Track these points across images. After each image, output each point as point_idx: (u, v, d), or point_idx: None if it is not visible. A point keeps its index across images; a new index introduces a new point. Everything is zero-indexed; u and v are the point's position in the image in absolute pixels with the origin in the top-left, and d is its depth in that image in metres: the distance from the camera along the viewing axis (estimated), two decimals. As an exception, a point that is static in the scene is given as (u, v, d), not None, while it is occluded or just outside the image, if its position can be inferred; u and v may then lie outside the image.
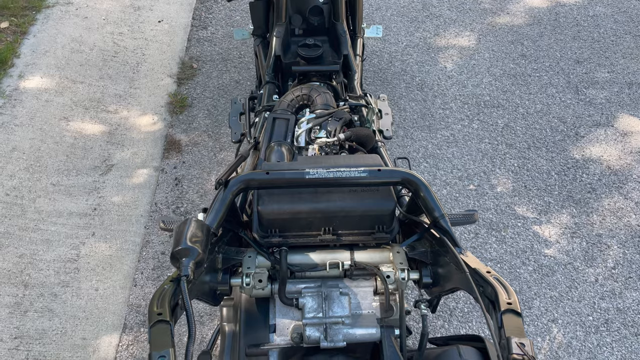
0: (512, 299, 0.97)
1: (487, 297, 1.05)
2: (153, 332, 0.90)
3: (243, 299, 1.37)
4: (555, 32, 3.37)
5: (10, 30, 3.06)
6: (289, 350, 1.26)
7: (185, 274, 1.02)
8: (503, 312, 0.93)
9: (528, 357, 0.82)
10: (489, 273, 1.07)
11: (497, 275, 1.06)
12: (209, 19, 3.44)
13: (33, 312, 2.04)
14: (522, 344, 0.84)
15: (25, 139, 2.55)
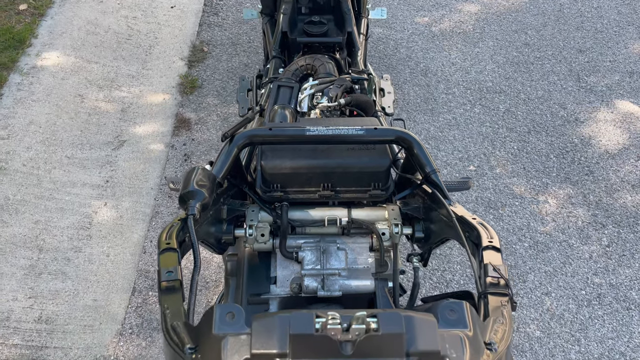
0: (493, 238, 1.04)
1: (473, 241, 1.12)
2: (162, 257, 0.98)
3: (246, 253, 1.45)
4: (559, 22, 3.42)
5: (29, 12, 3.16)
6: (288, 300, 1.34)
7: (192, 213, 1.10)
8: (484, 248, 1.00)
9: (504, 278, 0.89)
10: (474, 219, 1.14)
11: (482, 221, 1.14)
12: (219, 5, 3.53)
13: (47, 274, 2.13)
14: (498, 269, 0.91)
15: (41, 114, 2.65)
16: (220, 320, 0.74)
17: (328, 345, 0.67)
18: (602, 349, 2.00)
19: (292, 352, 0.68)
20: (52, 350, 1.95)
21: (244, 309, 1.01)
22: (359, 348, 0.67)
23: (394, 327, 0.67)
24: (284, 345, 0.68)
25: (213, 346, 0.72)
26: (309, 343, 0.67)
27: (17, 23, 3.07)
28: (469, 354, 0.70)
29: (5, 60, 2.84)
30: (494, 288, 0.89)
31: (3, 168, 2.40)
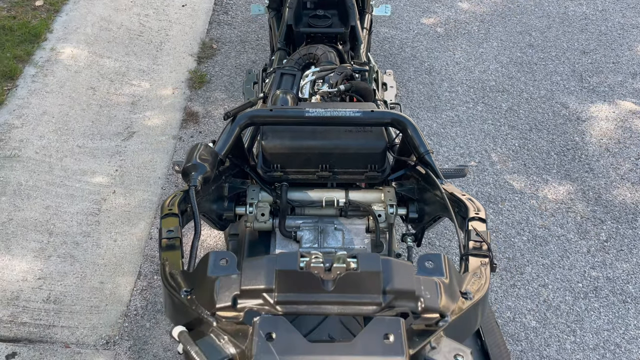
0: (480, 211, 1.09)
1: (462, 215, 1.17)
2: (164, 220, 1.03)
3: (247, 232, 1.50)
4: (563, 24, 3.47)
5: (44, 8, 3.26)
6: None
7: (194, 184, 1.16)
8: (470, 219, 1.05)
9: (485, 242, 0.94)
10: (463, 195, 1.19)
11: (471, 197, 1.18)
12: (229, 5, 3.61)
13: (56, 257, 2.20)
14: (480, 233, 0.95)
15: (55, 105, 2.73)
16: (214, 265, 0.79)
17: (311, 282, 0.72)
18: (598, 340, 2.03)
19: (277, 286, 0.73)
20: (59, 329, 2.01)
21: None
22: (339, 285, 0.72)
23: (372, 266, 0.72)
24: (270, 281, 0.73)
25: (206, 287, 0.77)
26: (293, 279, 0.72)
27: (33, 18, 3.16)
28: (443, 298, 0.75)
29: (21, 53, 2.93)
30: (475, 251, 0.93)
31: (16, 155, 2.48)
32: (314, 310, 0.73)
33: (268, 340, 0.67)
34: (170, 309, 0.87)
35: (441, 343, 0.72)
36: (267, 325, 0.69)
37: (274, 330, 0.69)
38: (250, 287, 0.73)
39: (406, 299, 0.73)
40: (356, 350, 0.67)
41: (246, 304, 0.73)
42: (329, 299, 0.73)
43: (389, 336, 0.68)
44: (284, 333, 0.68)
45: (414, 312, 0.74)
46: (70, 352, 1.95)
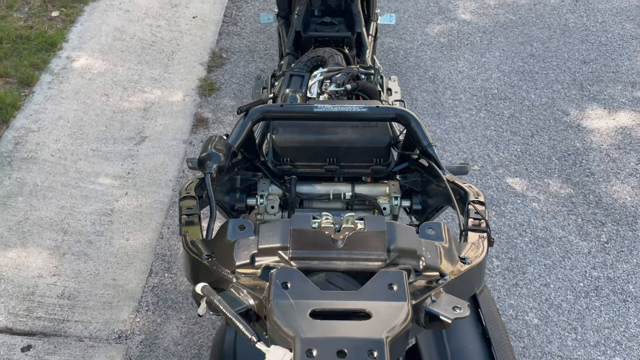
0: (479, 196, 1.15)
1: (462, 202, 1.23)
2: (182, 202, 1.10)
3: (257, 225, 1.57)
4: (564, 35, 3.55)
5: (60, 19, 3.38)
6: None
7: (209, 172, 1.23)
8: (470, 202, 1.11)
9: (483, 219, 1.00)
10: (464, 184, 1.25)
11: (471, 185, 1.25)
12: (238, 16, 3.72)
13: (70, 254, 2.27)
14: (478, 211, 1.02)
15: (70, 110, 2.83)
16: (233, 230, 0.86)
17: (322, 240, 0.79)
18: (599, 337, 2.07)
19: (292, 244, 0.79)
20: (73, 324, 2.07)
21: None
22: (347, 243, 0.79)
23: (377, 226, 0.79)
24: (285, 240, 0.79)
25: (226, 249, 0.84)
26: (306, 237, 0.79)
27: (50, 28, 3.28)
28: (443, 259, 0.81)
29: (38, 61, 3.03)
30: (474, 227, 0.99)
31: (33, 157, 2.56)
32: (325, 265, 0.79)
33: (284, 288, 0.73)
34: (192, 272, 0.93)
35: (441, 297, 0.78)
36: (282, 276, 0.75)
37: (289, 280, 0.75)
38: (267, 246, 0.79)
39: (409, 257, 0.80)
40: (363, 297, 0.73)
41: (263, 261, 0.80)
42: (338, 256, 0.79)
43: (393, 286, 0.74)
44: (298, 282, 0.75)
45: (415, 270, 0.80)
46: (83, 346, 2.01)
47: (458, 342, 1.19)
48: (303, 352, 0.65)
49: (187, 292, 2.20)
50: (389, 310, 0.71)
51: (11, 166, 2.51)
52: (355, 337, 0.67)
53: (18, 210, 2.36)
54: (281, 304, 0.72)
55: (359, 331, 0.68)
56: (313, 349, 0.65)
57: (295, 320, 0.69)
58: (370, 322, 0.69)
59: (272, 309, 0.71)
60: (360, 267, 0.79)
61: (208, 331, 2.08)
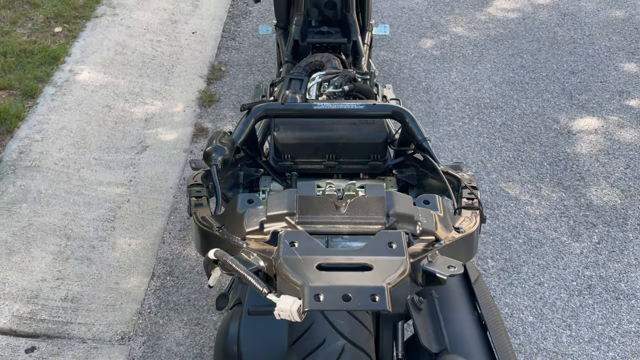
0: (472, 182, 1.21)
1: (457, 190, 1.29)
2: (190, 189, 1.16)
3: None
4: (552, 47, 3.66)
5: (63, 34, 3.47)
6: None
7: (215, 163, 1.29)
8: (463, 187, 1.17)
9: (476, 197, 1.06)
10: (458, 173, 1.32)
11: (464, 174, 1.31)
12: (237, 32, 3.83)
13: (74, 259, 2.31)
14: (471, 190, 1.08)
15: (72, 121, 2.89)
16: (242, 203, 0.92)
17: (327, 205, 0.85)
18: (592, 334, 2.12)
19: (298, 210, 0.85)
20: (76, 326, 2.10)
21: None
22: (350, 208, 0.84)
23: (377, 193, 0.85)
24: (292, 207, 0.85)
25: (236, 220, 0.89)
26: (312, 203, 0.85)
27: (53, 43, 3.36)
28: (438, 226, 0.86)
29: (41, 74, 3.11)
30: (467, 205, 1.05)
31: (37, 165, 2.61)
32: (329, 229, 0.85)
33: (291, 247, 0.79)
34: (203, 244, 0.99)
35: (437, 258, 0.83)
36: (290, 236, 0.81)
37: (296, 239, 0.80)
38: (275, 213, 0.85)
39: (406, 222, 0.85)
40: (365, 252, 0.79)
41: (271, 228, 0.85)
42: (341, 220, 0.85)
43: (392, 244, 0.80)
44: (305, 241, 0.80)
45: (413, 234, 0.85)
46: (87, 347, 2.04)
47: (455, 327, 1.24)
48: (311, 296, 0.70)
49: (189, 294, 2.24)
50: (388, 263, 0.76)
51: (15, 174, 2.56)
52: (358, 285, 0.72)
53: (22, 217, 2.41)
54: (289, 259, 0.77)
55: (362, 280, 0.73)
56: (320, 294, 0.71)
57: (303, 272, 0.75)
58: (372, 273, 0.75)
59: (281, 264, 0.77)
60: (362, 230, 0.85)
61: (210, 332, 2.12)
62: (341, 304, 0.70)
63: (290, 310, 0.71)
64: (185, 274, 2.32)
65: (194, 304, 2.21)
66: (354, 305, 0.70)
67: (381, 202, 0.84)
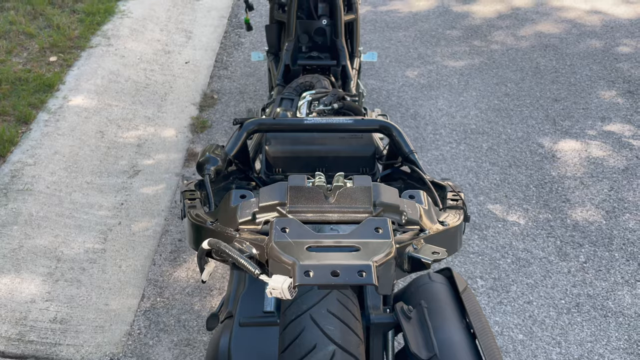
0: (457, 187, 1.25)
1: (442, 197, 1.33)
2: (184, 193, 1.19)
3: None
4: (535, 77, 3.78)
5: (58, 63, 3.53)
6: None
7: (208, 172, 1.33)
8: (448, 191, 1.21)
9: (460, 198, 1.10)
10: (444, 181, 1.36)
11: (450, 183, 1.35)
12: (229, 62, 3.92)
13: (63, 281, 2.30)
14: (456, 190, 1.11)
15: (65, 146, 2.92)
16: (235, 198, 0.94)
17: (316, 195, 0.88)
18: (582, 351, 2.13)
19: (289, 200, 0.88)
20: (65, 347, 2.08)
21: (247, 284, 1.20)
22: (338, 197, 0.88)
23: (364, 183, 0.88)
24: (283, 197, 0.88)
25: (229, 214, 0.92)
26: (302, 193, 0.88)
27: (47, 71, 3.42)
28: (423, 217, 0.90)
29: (36, 101, 3.15)
30: (451, 205, 1.09)
31: (29, 189, 2.63)
32: (318, 218, 0.88)
33: (282, 232, 0.81)
34: (196, 239, 1.01)
35: (421, 246, 0.86)
36: (281, 223, 0.84)
37: (287, 225, 0.83)
38: (267, 203, 0.88)
39: (392, 211, 0.88)
40: (353, 236, 0.81)
41: (263, 218, 0.88)
42: (330, 209, 0.88)
43: (379, 229, 0.83)
44: (295, 227, 0.83)
45: (399, 223, 0.88)
46: (75, 369, 2.01)
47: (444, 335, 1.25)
48: (301, 273, 0.73)
49: (179, 315, 2.23)
50: (375, 245, 0.79)
51: (7, 197, 2.57)
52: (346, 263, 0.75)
53: (13, 239, 2.40)
54: (281, 242, 0.80)
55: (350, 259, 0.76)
56: (310, 271, 0.73)
57: (293, 253, 0.77)
58: (359, 253, 0.77)
59: (272, 247, 0.79)
60: (350, 219, 0.88)
61: (200, 352, 2.10)
62: (330, 279, 0.72)
63: (282, 287, 0.73)
64: (175, 295, 2.31)
65: (184, 324, 2.20)
66: (342, 280, 0.72)
67: (368, 192, 0.88)
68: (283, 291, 0.73)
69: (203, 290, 2.34)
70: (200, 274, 0.91)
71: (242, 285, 1.57)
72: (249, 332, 1.20)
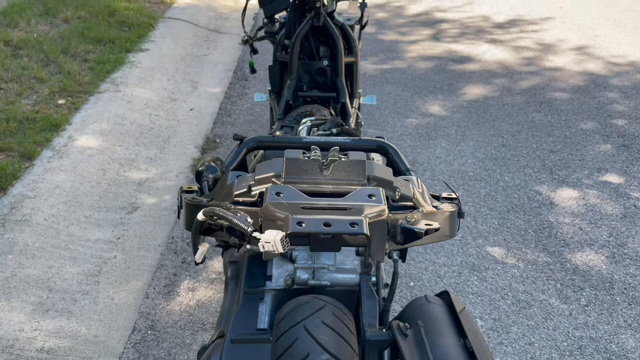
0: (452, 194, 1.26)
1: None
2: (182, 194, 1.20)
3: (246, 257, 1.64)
4: (531, 129, 3.87)
5: (66, 106, 3.63)
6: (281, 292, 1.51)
7: (206, 180, 1.34)
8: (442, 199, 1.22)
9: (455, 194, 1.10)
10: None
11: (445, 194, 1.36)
12: (232, 110, 4.02)
13: (54, 311, 2.25)
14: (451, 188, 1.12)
15: (67, 181, 2.95)
16: (232, 178, 0.95)
17: (312, 168, 0.88)
18: (587, 394, 2.04)
19: (285, 171, 0.88)
20: (49, 378, 2.01)
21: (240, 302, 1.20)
22: (333, 170, 0.88)
23: (359, 157, 0.89)
24: (279, 169, 0.89)
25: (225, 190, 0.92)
26: (298, 165, 0.88)
27: (55, 113, 3.51)
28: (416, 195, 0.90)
29: (41, 139, 3.21)
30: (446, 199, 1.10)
31: (26, 220, 2.62)
32: (313, 189, 0.88)
33: (277, 196, 0.81)
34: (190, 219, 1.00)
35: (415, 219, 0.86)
36: (276, 188, 0.84)
37: (282, 191, 0.83)
38: (263, 176, 0.89)
39: (386, 186, 0.89)
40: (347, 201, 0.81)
41: (259, 189, 0.88)
42: (325, 181, 0.88)
43: (372, 196, 0.83)
44: (290, 192, 0.83)
45: (392, 199, 0.88)
46: (58, 400, 1.93)
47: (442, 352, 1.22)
48: (294, 223, 0.72)
49: (170, 348, 2.17)
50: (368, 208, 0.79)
51: (4, 227, 2.57)
52: (339, 217, 0.74)
53: (6, 267, 2.38)
54: (275, 203, 0.80)
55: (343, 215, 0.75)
56: (303, 222, 0.73)
57: (287, 210, 0.77)
58: (352, 211, 0.77)
59: (267, 207, 0.79)
60: (344, 190, 0.88)
61: (189, 386, 2.03)
62: (322, 229, 0.72)
63: (274, 240, 0.72)
64: (167, 328, 2.26)
65: (175, 357, 2.13)
66: (334, 229, 0.72)
67: (362, 165, 0.89)
68: (275, 244, 0.72)
69: (195, 324, 2.28)
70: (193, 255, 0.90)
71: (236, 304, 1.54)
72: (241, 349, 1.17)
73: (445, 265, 2.63)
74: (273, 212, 0.79)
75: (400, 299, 2.42)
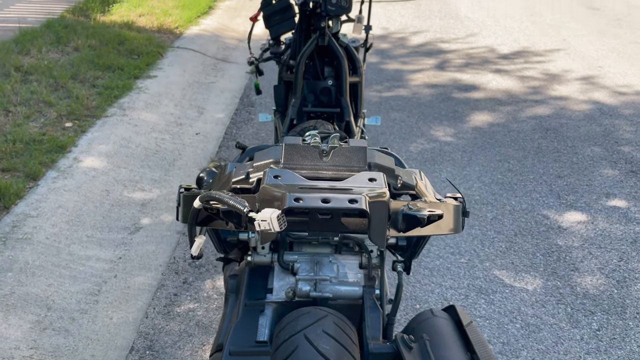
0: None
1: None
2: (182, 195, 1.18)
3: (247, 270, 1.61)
4: (538, 155, 3.84)
5: (73, 128, 3.65)
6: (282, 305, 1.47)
7: (207, 183, 1.33)
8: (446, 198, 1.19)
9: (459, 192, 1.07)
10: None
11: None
12: (238, 134, 4.03)
13: (51, 330, 2.21)
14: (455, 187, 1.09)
15: (70, 201, 2.94)
16: (230, 167, 0.93)
17: (312, 153, 0.86)
18: (601, 421, 1.95)
19: (284, 157, 0.86)
20: (43, 398, 1.95)
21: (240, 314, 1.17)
22: (333, 156, 0.86)
23: (359, 143, 0.87)
24: (278, 155, 0.86)
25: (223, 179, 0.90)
26: (298, 150, 0.86)
27: (62, 135, 3.53)
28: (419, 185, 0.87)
29: (47, 160, 3.22)
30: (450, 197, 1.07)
31: (28, 238, 2.60)
32: (313, 174, 0.85)
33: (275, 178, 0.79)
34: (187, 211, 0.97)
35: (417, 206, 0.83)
36: (274, 172, 0.81)
37: (280, 174, 0.81)
38: (261, 162, 0.87)
39: (387, 174, 0.86)
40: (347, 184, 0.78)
41: (257, 176, 0.86)
42: (325, 166, 0.86)
43: (373, 180, 0.80)
44: (288, 175, 0.80)
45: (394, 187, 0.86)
46: (51, 420, 1.87)
47: (448, 362, 1.18)
48: (291, 199, 0.70)
49: (168, 368, 2.11)
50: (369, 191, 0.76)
51: (5, 245, 2.54)
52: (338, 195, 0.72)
53: (5, 285, 2.34)
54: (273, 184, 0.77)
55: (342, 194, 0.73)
56: (301, 198, 0.70)
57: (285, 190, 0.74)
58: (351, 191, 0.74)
59: (264, 187, 0.77)
60: (344, 176, 0.86)
61: (187, 408, 1.96)
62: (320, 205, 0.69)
63: (270, 217, 0.70)
64: (165, 349, 2.20)
65: (173, 378, 2.07)
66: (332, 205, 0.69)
67: (363, 151, 0.87)
68: (272, 221, 0.70)
69: (195, 344, 2.22)
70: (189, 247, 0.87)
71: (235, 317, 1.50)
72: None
73: (452, 288, 2.57)
74: (270, 192, 0.77)
75: (405, 321, 2.35)
